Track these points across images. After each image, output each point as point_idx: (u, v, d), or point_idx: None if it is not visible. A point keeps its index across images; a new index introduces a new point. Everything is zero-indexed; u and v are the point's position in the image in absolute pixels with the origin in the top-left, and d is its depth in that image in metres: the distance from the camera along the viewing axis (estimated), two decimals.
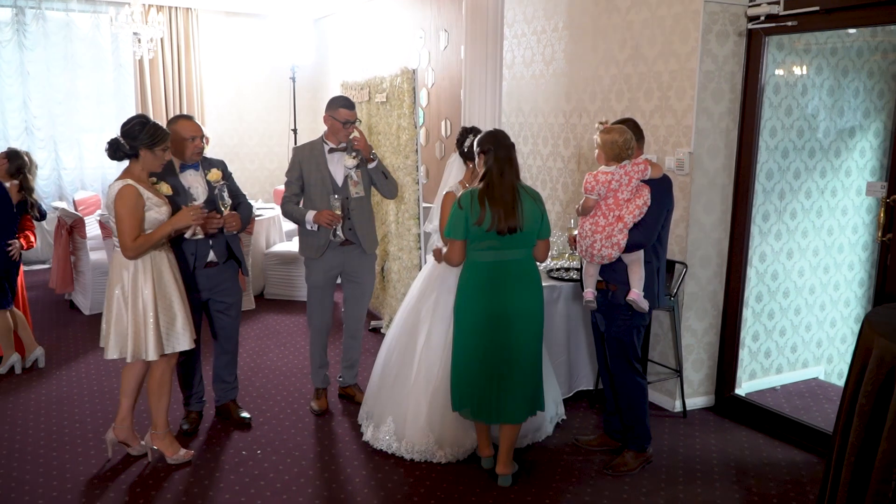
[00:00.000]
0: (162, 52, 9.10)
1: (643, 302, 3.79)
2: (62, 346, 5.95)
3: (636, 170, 3.73)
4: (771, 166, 4.80)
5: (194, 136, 4.06)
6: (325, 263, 4.50)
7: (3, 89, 8.52)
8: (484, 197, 3.60)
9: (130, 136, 3.66)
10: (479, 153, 3.71)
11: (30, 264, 8.49)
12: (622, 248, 3.72)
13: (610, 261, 3.79)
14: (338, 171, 4.44)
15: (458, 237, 3.67)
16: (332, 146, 4.44)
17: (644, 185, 3.76)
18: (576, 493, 3.76)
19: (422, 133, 7.54)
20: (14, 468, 3.95)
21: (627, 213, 3.70)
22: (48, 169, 8.81)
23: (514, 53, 6.08)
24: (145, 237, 3.66)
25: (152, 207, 3.70)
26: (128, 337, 3.73)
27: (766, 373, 5.18)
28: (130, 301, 3.71)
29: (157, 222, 3.72)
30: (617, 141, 3.70)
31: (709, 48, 4.40)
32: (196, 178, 4.14)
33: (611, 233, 3.71)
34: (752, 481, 3.90)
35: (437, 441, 4.01)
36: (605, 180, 3.72)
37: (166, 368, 3.93)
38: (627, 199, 3.73)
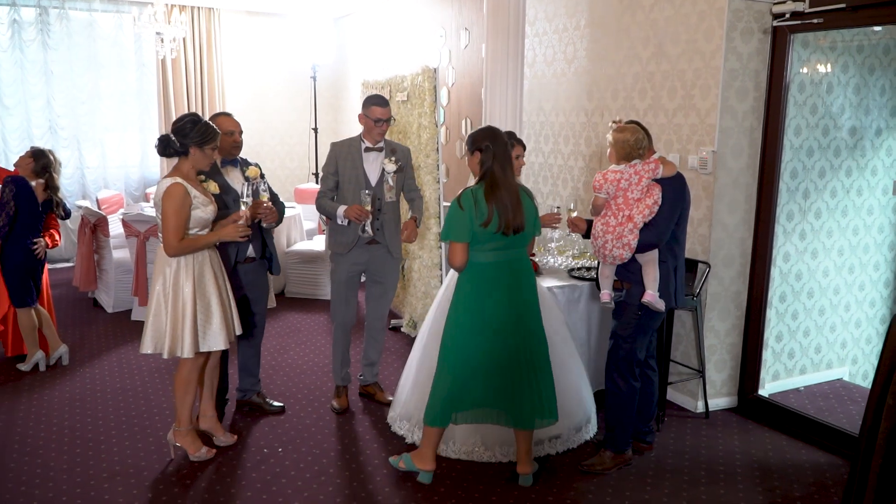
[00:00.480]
0: (184, 52, 9.16)
1: (659, 303, 3.76)
2: (85, 343, 6.00)
3: (646, 168, 3.69)
4: (795, 165, 4.74)
5: (232, 132, 4.16)
6: (351, 260, 4.51)
7: (28, 89, 8.60)
8: (489, 197, 3.50)
9: (181, 133, 3.71)
10: (476, 150, 3.60)
11: (54, 262, 8.58)
12: (633, 248, 3.69)
13: (622, 261, 3.76)
14: (372, 170, 4.45)
15: (461, 239, 3.51)
16: (369, 145, 4.45)
17: (655, 185, 3.72)
18: (597, 494, 3.74)
19: (442, 132, 7.53)
20: (38, 464, 4.00)
21: (637, 213, 3.67)
22: (72, 168, 8.89)
23: (535, 52, 6.06)
24: (190, 241, 3.71)
25: (199, 206, 3.74)
26: (165, 333, 3.76)
27: (790, 374, 5.13)
28: (171, 297, 3.75)
29: (202, 221, 3.76)
30: (628, 140, 3.67)
31: (733, 46, 4.36)
32: (236, 175, 4.24)
33: (621, 233, 3.68)
34: (775, 483, 3.87)
35: (483, 441, 3.98)
36: (614, 179, 3.69)
37: (194, 367, 3.95)
38: (638, 198, 3.69)
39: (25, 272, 5.18)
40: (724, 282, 4.64)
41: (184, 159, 3.76)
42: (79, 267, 6.94)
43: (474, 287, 3.61)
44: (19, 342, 5.45)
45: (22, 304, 5.20)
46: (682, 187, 3.79)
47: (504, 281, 3.60)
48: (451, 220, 3.53)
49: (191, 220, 3.72)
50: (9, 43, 8.42)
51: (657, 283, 3.77)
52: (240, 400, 4.69)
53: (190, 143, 3.71)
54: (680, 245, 3.87)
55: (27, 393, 4.94)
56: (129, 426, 4.47)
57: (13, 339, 5.46)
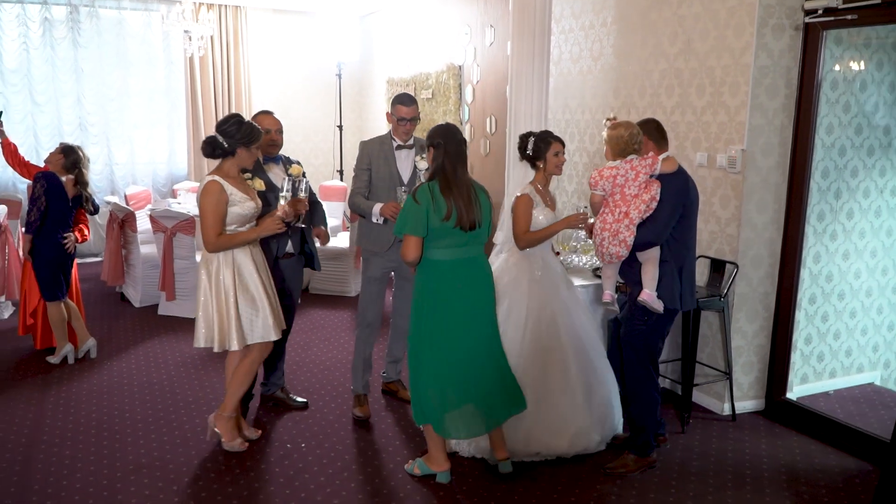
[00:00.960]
0: (212, 50, 9.22)
1: (656, 303, 3.68)
2: (113, 337, 6.06)
3: (643, 164, 3.64)
4: (827, 164, 4.66)
5: (269, 130, 4.22)
6: (386, 258, 4.45)
7: (59, 86, 8.71)
8: (445, 193, 3.52)
9: (228, 134, 3.77)
10: (429, 147, 3.62)
11: (83, 257, 8.67)
12: (629, 245, 3.63)
13: (619, 259, 3.71)
14: (405, 167, 4.43)
15: (418, 234, 3.52)
16: (400, 143, 4.43)
17: (654, 181, 3.66)
18: (619, 496, 3.70)
19: (467, 129, 7.52)
20: (66, 455, 4.04)
21: (634, 210, 3.61)
22: (101, 164, 8.99)
23: (561, 49, 6.02)
24: (228, 237, 3.77)
25: (236, 203, 3.79)
26: (214, 327, 3.83)
27: (819, 377, 5.05)
28: (214, 292, 3.82)
29: (241, 217, 3.81)
30: (622, 136, 3.63)
31: (764, 42, 4.30)
32: (278, 172, 4.29)
33: (617, 230, 3.63)
34: (803, 488, 3.81)
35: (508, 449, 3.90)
36: (609, 175, 3.65)
37: (259, 357, 4.02)
38: (635, 194, 3.64)
39: (56, 266, 5.24)
40: (753, 282, 4.58)
41: (229, 159, 3.82)
42: (107, 262, 7.01)
43: (435, 285, 3.61)
44: (49, 335, 5.52)
45: (52, 297, 5.26)
46: (685, 184, 3.70)
47: (463, 278, 3.62)
48: (406, 214, 3.55)
49: (229, 216, 3.78)
50: (40, 41, 8.53)
51: (655, 283, 3.69)
52: (264, 395, 4.71)
53: (237, 144, 3.78)
54: (684, 245, 3.76)
55: (56, 385, 5.00)
56: (155, 419, 4.51)
57: (42, 332, 5.53)
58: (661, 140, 3.82)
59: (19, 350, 5.67)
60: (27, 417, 4.50)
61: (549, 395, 3.92)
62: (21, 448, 4.11)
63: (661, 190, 3.66)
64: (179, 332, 6.17)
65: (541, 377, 3.93)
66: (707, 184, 4.68)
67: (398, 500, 3.65)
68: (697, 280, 4.74)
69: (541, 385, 3.93)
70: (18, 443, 4.17)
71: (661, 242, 3.68)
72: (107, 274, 7.00)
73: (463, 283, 3.62)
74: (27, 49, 8.49)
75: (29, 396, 4.81)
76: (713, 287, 4.61)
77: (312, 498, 3.65)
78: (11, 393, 4.86)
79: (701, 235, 4.75)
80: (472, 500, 3.63)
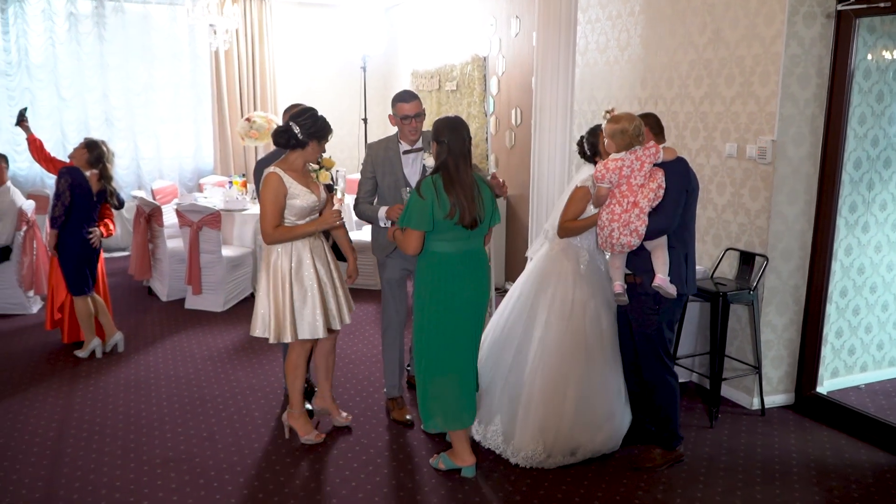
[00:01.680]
0: (237, 44, 9.25)
1: (670, 287, 3.67)
2: (140, 331, 6.11)
3: (647, 154, 3.63)
4: (859, 155, 4.57)
5: None
6: (403, 259, 4.33)
7: (84, 81, 8.78)
8: (448, 189, 3.51)
9: (304, 126, 3.80)
10: (434, 142, 3.59)
11: (110, 251, 8.76)
12: (641, 234, 3.62)
13: (630, 248, 3.69)
14: (412, 173, 4.23)
15: (421, 228, 3.53)
16: (407, 147, 4.23)
17: (658, 169, 3.67)
18: (647, 491, 3.66)
19: (492, 121, 7.47)
20: (94, 449, 4.08)
21: (643, 198, 3.61)
22: (127, 159, 9.06)
23: (587, 39, 5.95)
24: (286, 229, 3.81)
25: (296, 195, 3.81)
26: (270, 318, 3.88)
27: (850, 371, 4.96)
28: (272, 283, 3.87)
29: (300, 210, 3.83)
30: (627, 129, 3.61)
31: (795, 31, 4.21)
32: None
33: (627, 220, 3.61)
34: (833, 483, 3.75)
35: (547, 449, 3.83)
36: (615, 167, 3.63)
37: (301, 352, 4.06)
38: (641, 184, 3.63)
39: (81, 261, 5.29)
40: (783, 275, 4.51)
41: (296, 151, 3.84)
42: (134, 256, 7.07)
43: (438, 276, 3.63)
44: (76, 329, 5.58)
45: (78, 292, 5.32)
46: (686, 170, 3.71)
47: (464, 270, 3.64)
48: (411, 207, 3.55)
49: (289, 208, 3.81)
50: (66, 36, 8.61)
51: (668, 268, 3.69)
52: None
53: (310, 137, 3.80)
54: (689, 231, 3.79)
55: (84, 379, 5.05)
56: (182, 413, 4.54)
57: (70, 326, 5.59)
58: (659, 134, 3.83)
59: (48, 344, 5.74)
60: (56, 411, 4.55)
61: (591, 392, 3.88)
62: (50, 441, 4.16)
63: (665, 177, 3.66)
64: (206, 326, 6.21)
65: (585, 373, 3.87)
66: (736, 175, 4.61)
67: (423, 493, 3.64)
68: (726, 273, 4.70)
69: (585, 381, 3.86)
70: (47, 436, 4.22)
71: (671, 229, 3.68)
72: (134, 268, 7.06)
73: (464, 274, 3.65)
74: (53, 44, 8.56)
75: (57, 390, 4.86)
76: (742, 280, 4.54)
77: (337, 492, 3.65)
78: (40, 387, 4.92)
79: (730, 227, 4.69)
80: (498, 495, 3.61)
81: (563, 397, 3.83)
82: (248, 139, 7.77)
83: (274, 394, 4.83)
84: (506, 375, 3.98)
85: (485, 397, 4.05)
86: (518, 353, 3.97)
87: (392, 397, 4.51)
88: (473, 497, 3.60)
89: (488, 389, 4.05)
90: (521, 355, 3.96)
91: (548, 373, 3.86)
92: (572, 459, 3.86)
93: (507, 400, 3.95)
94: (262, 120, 7.75)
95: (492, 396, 4.02)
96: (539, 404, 3.85)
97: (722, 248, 4.75)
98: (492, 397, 4.02)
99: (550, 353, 3.88)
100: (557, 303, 3.93)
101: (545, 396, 3.84)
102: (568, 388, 3.83)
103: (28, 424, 4.36)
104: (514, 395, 3.93)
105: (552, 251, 4.07)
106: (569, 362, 3.86)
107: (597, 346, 3.91)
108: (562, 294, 3.93)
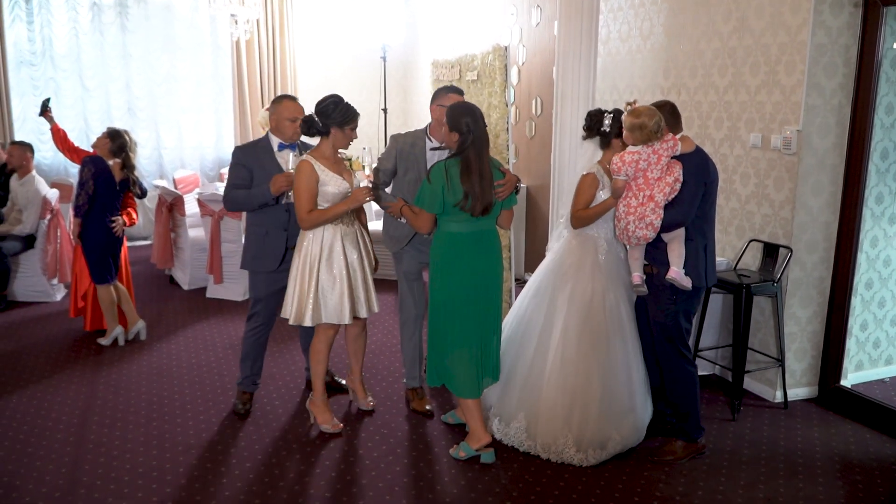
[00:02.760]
0: (258, 34, 9.25)
1: (684, 279, 3.65)
2: (162, 319, 6.16)
3: (665, 147, 3.59)
4: (886, 145, 4.50)
5: (296, 118, 4.12)
6: (419, 251, 4.32)
7: (107, 71, 8.83)
8: (464, 178, 3.58)
9: (325, 114, 3.86)
10: (454, 130, 3.62)
11: (133, 240, 8.82)
12: (656, 227, 3.60)
13: (646, 241, 3.68)
14: None
15: (433, 210, 3.68)
16: (436, 144, 4.15)
17: (676, 162, 3.63)
18: (668, 484, 3.64)
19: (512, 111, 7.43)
20: (116, 436, 4.12)
21: (658, 192, 3.58)
22: (149, 148, 9.11)
23: (609, 28, 5.89)
24: (319, 212, 3.88)
25: (328, 183, 3.88)
26: (293, 300, 3.96)
27: (875, 364, 4.91)
28: (301, 268, 3.94)
29: (332, 196, 3.90)
30: (646, 124, 3.56)
31: (821, 20, 4.15)
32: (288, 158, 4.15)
33: (643, 213, 3.59)
34: (857, 477, 3.71)
35: (576, 441, 3.78)
36: (632, 160, 3.60)
37: (324, 338, 4.12)
38: (658, 177, 3.60)
39: (104, 249, 5.33)
40: (807, 267, 4.46)
41: (325, 139, 3.91)
42: (156, 245, 7.13)
43: (450, 254, 3.75)
44: (99, 317, 5.63)
45: (101, 280, 5.36)
46: (705, 162, 3.68)
47: (475, 248, 3.75)
48: (424, 190, 3.67)
49: (322, 195, 3.88)
50: (89, 26, 8.66)
51: (682, 260, 3.67)
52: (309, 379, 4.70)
53: (332, 124, 3.85)
54: (709, 222, 3.76)
55: (107, 367, 5.10)
56: (204, 401, 4.57)
57: (93, 314, 5.64)
58: (675, 124, 3.76)
59: (71, 332, 5.80)
60: (79, 398, 4.60)
61: (614, 383, 3.84)
62: (73, 428, 4.20)
63: (683, 170, 3.62)
64: (227, 315, 6.24)
65: (607, 365, 3.83)
66: (761, 165, 4.56)
67: (443, 484, 3.65)
68: (749, 264, 4.66)
69: (607, 373, 3.83)
70: (71, 422, 4.27)
71: (688, 222, 3.66)
72: (156, 257, 7.11)
73: (476, 253, 3.75)
74: (76, 34, 8.62)
75: (80, 377, 4.92)
76: (766, 272, 4.49)
77: (357, 481, 3.66)
78: (64, 374, 4.97)
79: (753, 218, 4.64)
80: (518, 486, 3.61)
81: (586, 389, 3.80)
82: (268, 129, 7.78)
83: (294, 382, 4.86)
84: (526, 374, 3.95)
85: (505, 395, 4.03)
86: (538, 349, 3.94)
87: (412, 388, 4.51)
88: (493, 488, 3.60)
89: (508, 386, 4.02)
90: (542, 351, 3.92)
91: (569, 367, 3.83)
92: (604, 455, 3.80)
93: (528, 396, 3.92)
94: None
95: (512, 394, 3.99)
96: (562, 397, 3.81)
97: (745, 240, 4.70)
98: (512, 395, 3.99)
99: (571, 346, 3.85)
100: (577, 295, 3.89)
101: (567, 389, 3.81)
102: (591, 380, 3.80)
103: (52, 410, 4.41)
104: (536, 391, 3.89)
105: (570, 243, 4.04)
106: (590, 355, 3.83)
107: (617, 338, 3.88)
108: (581, 287, 3.90)
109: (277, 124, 4.18)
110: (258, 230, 4.21)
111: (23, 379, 4.88)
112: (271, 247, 4.20)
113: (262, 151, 4.21)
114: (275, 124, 4.20)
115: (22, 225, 6.43)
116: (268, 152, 4.20)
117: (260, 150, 4.22)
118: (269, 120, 4.30)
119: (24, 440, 4.05)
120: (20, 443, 4.02)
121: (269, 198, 4.07)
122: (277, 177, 4.01)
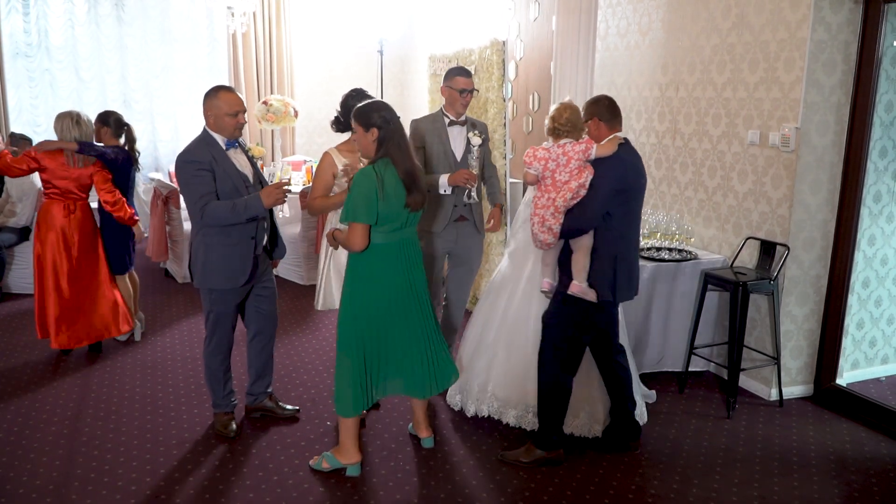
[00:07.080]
0: (254, 26, 9.22)
1: (588, 293, 3.51)
2: (157, 313, 6.14)
3: (576, 150, 3.46)
4: (885, 143, 4.49)
5: (237, 112, 3.76)
6: (445, 238, 4.37)
7: (103, 63, 8.79)
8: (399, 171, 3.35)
9: (348, 108, 3.96)
10: (371, 127, 3.35)
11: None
12: (556, 233, 3.48)
13: (549, 247, 3.56)
14: (457, 145, 4.38)
15: (369, 221, 3.33)
16: (452, 118, 4.38)
17: (587, 167, 3.48)
18: (662, 480, 3.64)
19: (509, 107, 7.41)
20: (111, 429, 4.10)
21: (559, 197, 3.45)
22: (145, 141, 9.06)
23: (608, 23, 5.87)
24: (322, 200, 3.99)
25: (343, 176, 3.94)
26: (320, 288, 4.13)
27: (871, 363, 4.91)
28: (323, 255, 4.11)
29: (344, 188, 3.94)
30: (555, 118, 3.51)
31: (821, 16, 4.13)
32: (238, 156, 3.84)
33: (544, 216, 3.48)
34: (852, 476, 3.71)
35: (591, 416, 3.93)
36: (543, 157, 3.49)
37: None
38: (565, 181, 3.47)
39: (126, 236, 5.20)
40: (804, 265, 4.45)
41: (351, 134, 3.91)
42: (151, 238, 7.09)
43: (371, 269, 3.46)
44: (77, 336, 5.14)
45: (123, 269, 5.23)
46: (623, 170, 3.48)
47: (398, 259, 3.49)
48: (356, 199, 3.31)
49: (338, 187, 3.97)
50: (85, 17, 8.60)
51: (586, 273, 3.52)
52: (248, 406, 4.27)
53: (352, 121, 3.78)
54: (623, 235, 3.55)
55: (101, 360, 5.08)
56: (198, 394, 4.55)
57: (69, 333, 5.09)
58: (612, 119, 3.62)
59: None
60: (73, 391, 4.58)
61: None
62: (67, 421, 4.19)
63: (595, 176, 3.47)
64: None
65: None
66: (759, 163, 4.55)
67: (437, 479, 3.63)
68: (746, 262, 4.64)
69: None
70: (65, 416, 4.25)
71: (589, 230, 3.50)
72: (151, 250, 7.08)
73: (398, 267, 3.50)
74: (72, 26, 8.56)
75: (75, 370, 4.89)
76: (762, 269, 4.48)
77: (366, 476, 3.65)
78: (58, 367, 4.95)
79: (750, 216, 4.63)
80: (512, 482, 3.60)
81: None
82: (264, 122, 7.78)
83: (289, 376, 4.84)
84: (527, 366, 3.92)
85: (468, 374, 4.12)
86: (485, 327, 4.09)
87: None
88: (488, 484, 3.59)
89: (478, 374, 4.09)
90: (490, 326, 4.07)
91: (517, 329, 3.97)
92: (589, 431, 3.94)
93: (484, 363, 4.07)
94: (279, 103, 7.75)
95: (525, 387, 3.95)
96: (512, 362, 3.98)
97: (742, 237, 4.69)
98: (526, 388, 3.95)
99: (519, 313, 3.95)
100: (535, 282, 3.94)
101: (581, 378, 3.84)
102: None
103: (46, 404, 4.39)
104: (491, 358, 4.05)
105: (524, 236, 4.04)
106: None
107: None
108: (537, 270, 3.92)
109: (216, 120, 3.74)
110: (224, 240, 3.71)
111: (17, 372, 4.86)
112: (242, 259, 3.77)
113: (216, 152, 3.74)
114: (213, 120, 3.75)
115: (17, 217, 6.40)
116: (220, 152, 3.75)
117: (214, 151, 3.74)
118: (204, 115, 3.85)
119: (17, 433, 4.03)
120: (14, 435, 4.00)
121: (261, 211, 3.66)
122: (269, 189, 3.65)
